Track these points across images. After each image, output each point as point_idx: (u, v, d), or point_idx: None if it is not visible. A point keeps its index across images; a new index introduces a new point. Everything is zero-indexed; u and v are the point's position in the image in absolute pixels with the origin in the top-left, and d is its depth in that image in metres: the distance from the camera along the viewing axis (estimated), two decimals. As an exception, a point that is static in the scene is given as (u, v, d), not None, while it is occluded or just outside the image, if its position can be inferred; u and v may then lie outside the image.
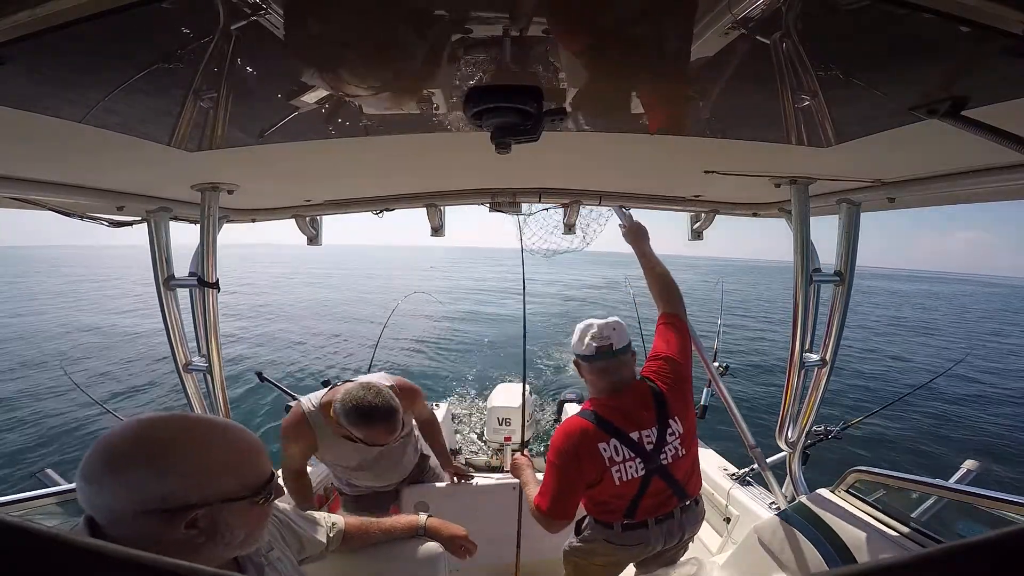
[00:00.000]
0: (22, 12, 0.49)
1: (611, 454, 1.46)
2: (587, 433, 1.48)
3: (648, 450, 1.49)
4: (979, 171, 1.19)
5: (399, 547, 1.38)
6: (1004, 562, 0.21)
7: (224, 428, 0.77)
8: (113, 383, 9.31)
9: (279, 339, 13.82)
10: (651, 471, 1.49)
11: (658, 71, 0.72)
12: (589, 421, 1.50)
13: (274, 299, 23.18)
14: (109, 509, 0.67)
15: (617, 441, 1.47)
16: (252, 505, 0.76)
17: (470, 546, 1.45)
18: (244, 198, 1.70)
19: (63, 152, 1.03)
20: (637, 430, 1.50)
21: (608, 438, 1.47)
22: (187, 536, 0.69)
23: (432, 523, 1.43)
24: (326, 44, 0.62)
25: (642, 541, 1.55)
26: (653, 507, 1.53)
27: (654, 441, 1.51)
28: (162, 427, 0.71)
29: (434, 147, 1.17)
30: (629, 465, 1.47)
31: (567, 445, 1.49)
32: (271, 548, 1.00)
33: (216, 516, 0.71)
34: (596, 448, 1.46)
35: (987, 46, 0.56)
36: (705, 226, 2.37)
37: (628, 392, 1.56)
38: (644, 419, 1.51)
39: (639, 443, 1.49)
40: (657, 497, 1.52)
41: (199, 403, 1.73)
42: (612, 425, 1.49)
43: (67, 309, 19.73)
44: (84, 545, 0.21)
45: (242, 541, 0.77)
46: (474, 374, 10.08)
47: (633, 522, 1.52)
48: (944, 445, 7.22)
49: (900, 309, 29.58)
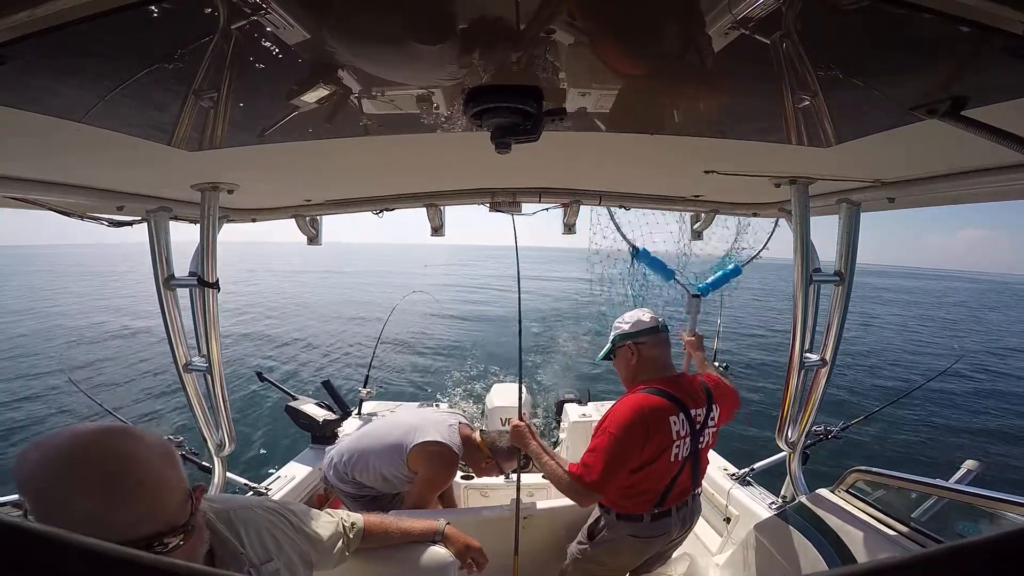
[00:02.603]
0: (22, 12, 0.49)
1: (679, 427, 1.52)
2: (661, 407, 1.51)
3: (697, 429, 1.57)
4: (979, 171, 1.19)
5: (408, 551, 1.35)
6: (1004, 562, 0.21)
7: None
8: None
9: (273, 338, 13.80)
10: (692, 453, 1.57)
11: (658, 71, 0.72)
12: (660, 396, 1.54)
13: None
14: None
15: (683, 415, 1.54)
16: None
17: (481, 560, 1.40)
18: (244, 198, 1.70)
19: (63, 152, 1.03)
20: (695, 407, 1.59)
21: (678, 411, 1.53)
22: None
23: (450, 531, 1.40)
24: (326, 44, 0.62)
25: (666, 531, 1.60)
26: (678, 494, 1.60)
27: (703, 420, 1.60)
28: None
29: (434, 147, 1.17)
30: (685, 442, 1.54)
31: (637, 418, 1.48)
32: (268, 559, 0.96)
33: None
34: (667, 421, 1.51)
35: (987, 46, 0.56)
36: (705, 226, 2.37)
37: (682, 376, 1.67)
38: (699, 398, 1.62)
39: (694, 420, 1.57)
40: (684, 484, 1.60)
41: (199, 403, 1.73)
42: (678, 398, 1.56)
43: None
44: (84, 545, 0.21)
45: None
46: (472, 373, 10.08)
47: (662, 510, 1.58)
48: (944, 445, 7.23)
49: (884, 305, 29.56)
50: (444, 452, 1.96)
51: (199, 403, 1.74)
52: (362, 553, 1.32)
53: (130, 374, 9.90)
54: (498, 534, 1.66)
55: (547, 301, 22.18)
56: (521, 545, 1.69)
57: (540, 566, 1.94)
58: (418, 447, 1.93)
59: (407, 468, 1.96)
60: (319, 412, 2.70)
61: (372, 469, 1.99)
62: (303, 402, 2.80)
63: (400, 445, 1.96)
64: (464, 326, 16.16)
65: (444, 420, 2.09)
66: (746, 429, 6.01)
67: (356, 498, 2.08)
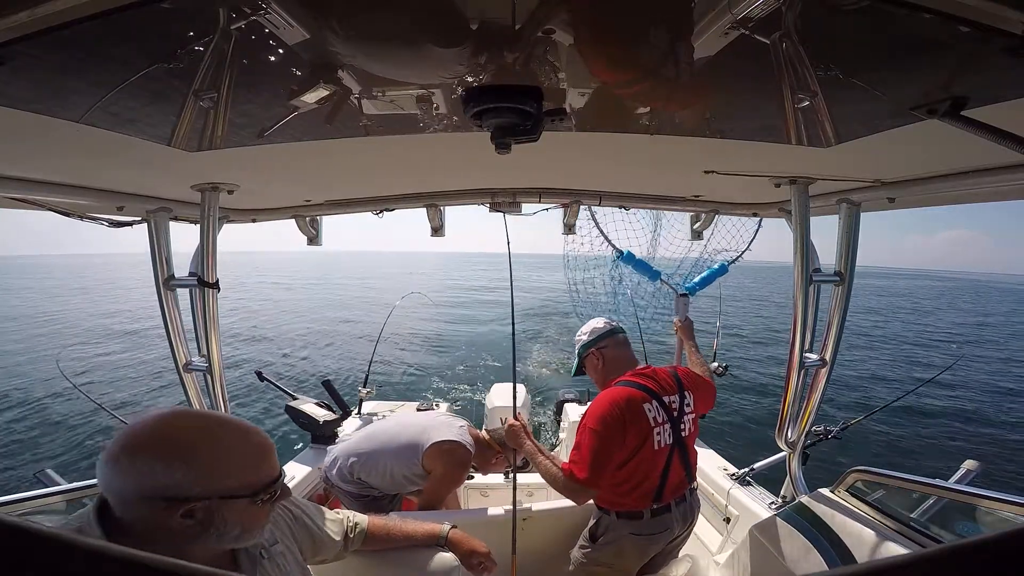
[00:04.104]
0: (22, 12, 0.49)
1: (654, 414, 1.59)
2: (633, 397, 1.58)
3: (675, 415, 1.64)
4: (979, 171, 1.19)
5: (412, 555, 1.33)
6: (1004, 562, 0.21)
7: (239, 429, 0.81)
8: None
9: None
10: (676, 441, 1.62)
11: (658, 71, 0.72)
12: (630, 387, 1.62)
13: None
14: (117, 491, 0.72)
15: (656, 402, 1.61)
16: (252, 504, 0.79)
17: (489, 564, 1.36)
18: (244, 198, 1.70)
19: (63, 152, 1.03)
20: (667, 394, 1.66)
21: (650, 399, 1.61)
22: (182, 525, 0.73)
23: (454, 535, 1.38)
24: (326, 44, 0.62)
25: (667, 527, 1.63)
26: (674, 487, 1.63)
27: (678, 407, 1.67)
28: (182, 422, 0.77)
29: (434, 147, 1.17)
30: (665, 429, 1.60)
31: (614, 411, 1.55)
32: (275, 542, 1.01)
33: (213, 510, 0.75)
34: (642, 409, 1.57)
35: (987, 46, 0.56)
36: (705, 226, 2.37)
37: (650, 368, 1.75)
38: (669, 386, 1.69)
39: (669, 407, 1.64)
40: (678, 476, 1.64)
41: (199, 403, 1.73)
42: (649, 388, 1.63)
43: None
44: (84, 545, 0.21)
45: (237, 536, 0.79)
46: (470, 374, 10.07)
47: (661, 506, 1.61)
48: (945, 445, 7.22)
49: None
50: (459, 450, 1.99)
51: (199, 403, 1.73)
52: (366, 557, 1.31)
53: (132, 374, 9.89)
54: (498, 535, 1.66)
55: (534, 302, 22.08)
56: (521, 545, 1.69)
57: (541, 566, 1.94)
58: (434, 446, 1.96)
59: (421, 468, 1.99)
60: (319, 412, 2.70)
61: (382, 470, 2.01)
62: (303, 402, 2.79)
63: (415, 444, 1.99)
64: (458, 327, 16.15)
65: (454, 422, 2.12)
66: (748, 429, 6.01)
67: (357, 497, 2.08)
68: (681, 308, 2.39)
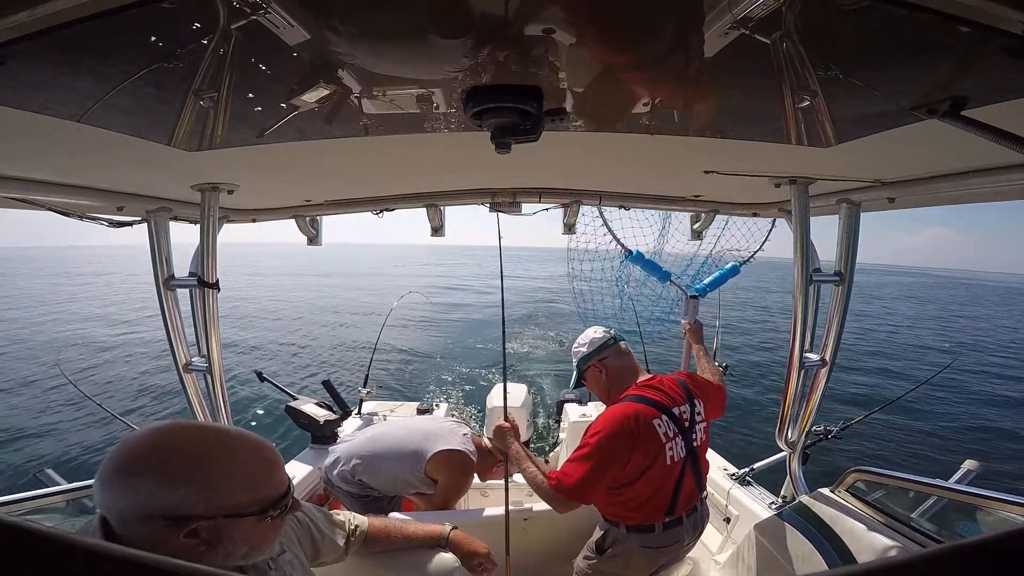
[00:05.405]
0: (22, 12, 0.49)
1: (664, 429, 1.52)
2: (643, 413, 1.51)
3: (686, 427, 1.57)
4: (979, 171, 1.19)
5: (412, 556, 1.33)
6: (1004, 562, 0.21)
7: (242, 442, 0.76)
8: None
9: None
10: (688, 452, 1.56)
11: (658, 71, 0.72)
12: (638, 403, 1.54)
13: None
14: (117, 510, 0.68)
15: (666, 416, 1.54)
16: (260, 521, 0.75)
17: (489, 566, 1.37)
18: (244, 198, 1.70)
19: (63, 152, 1.03)
20: (676, 405, 1.58)
21: (659, 413, 1.53)
22: (186, 544, 0.69)
23: (455, 536, 1.38)
24: (326, 43, 0.62)
25: (678, 539, 1.58)
26: (686, 499, 1.58)
27: (689, 417, 1.60)
28: (181, 437, 0.72)
29: (434, 147, 1.17)
30: (677, 442, 1.53)
31: (624, 427, 1.47)
32: (283, 551, 0.98)
33: (219, 529, 0.71)
34: (652, 426, 1.50)
35: (987, 46, 0.56)
36: (705, 226, 2.37)
37: (655, 378, 1.67)
38: (678, 396, 1.62)
39: (680, 419, 1.57)
40: (690, 487, 1.58)
41: (199, 403, 1.73)
42: (658, 401, 1.56)
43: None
44: (84, 545, 0.21)
45: (244, 554, 0.76)
46: (469, 374, 10.06)
47: (673, 519, 1.56)
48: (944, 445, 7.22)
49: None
50: (463, 459, 1.99)
51: (199, 403, 1.73)
52: (368, 558, 1.31)
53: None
54: (497, 535, 1.66)
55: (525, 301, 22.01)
56: (522, 545, 1.69)
57: (542, 566, 1.94)
58: (438, 455, 1.96)
59: (424, 474, 1.99)
60: (319, 412, 2.70)
61: (385, 475, 2.01)
62: (303, 402, 2.79)
63: (419, 452, 1.98)
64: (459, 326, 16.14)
65: (457, 429, 2.12)
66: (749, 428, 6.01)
67: (357, 498, 2.08)
68: (690, 310, 2.33)
